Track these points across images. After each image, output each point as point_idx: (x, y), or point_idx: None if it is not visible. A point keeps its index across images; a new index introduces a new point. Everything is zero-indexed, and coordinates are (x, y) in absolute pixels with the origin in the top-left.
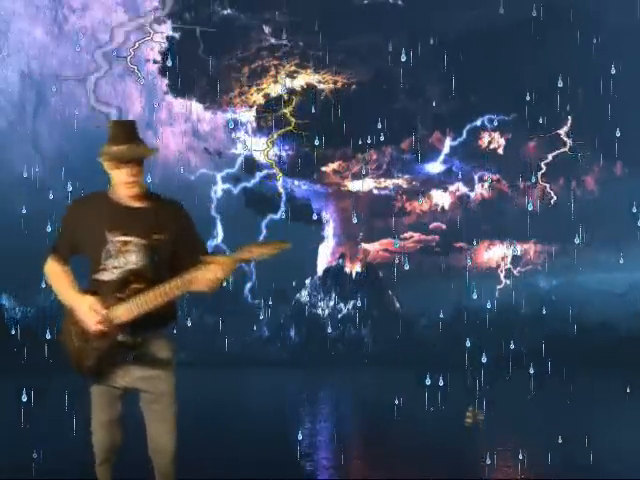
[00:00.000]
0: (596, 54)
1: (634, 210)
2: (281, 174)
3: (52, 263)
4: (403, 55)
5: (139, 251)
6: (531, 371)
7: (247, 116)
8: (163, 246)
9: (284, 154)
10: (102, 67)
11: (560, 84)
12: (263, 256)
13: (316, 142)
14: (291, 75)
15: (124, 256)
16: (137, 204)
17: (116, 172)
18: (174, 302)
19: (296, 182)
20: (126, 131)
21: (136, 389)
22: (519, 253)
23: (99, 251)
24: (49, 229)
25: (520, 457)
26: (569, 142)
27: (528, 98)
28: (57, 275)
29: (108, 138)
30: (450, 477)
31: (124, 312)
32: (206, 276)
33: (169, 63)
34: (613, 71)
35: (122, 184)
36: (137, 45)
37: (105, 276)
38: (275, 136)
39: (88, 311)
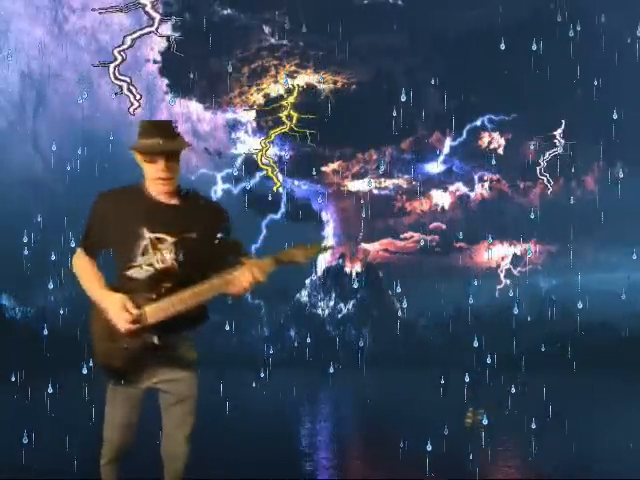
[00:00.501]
0: (596, 54)
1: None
2: (279, 184)
3: (80, 258)
4: (403, 55)
5: (172, 249)
6: (530, 371)
7: (247, 116)
8: (195, 245)
9: (284, 154)
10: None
11: (560, 84)
12: (303, 259)
13: (316, 142)
14: (291, 75)
15: (157, 254)
16: (171, 201)
17: (147, 166)
18: (205, 303)
19: (296, 182)
20: (158, 126)
21: (157, 389)
22: (523, 253)
23: (131, 247)
24: (48, 229)
25: (520, 457)
26: (568, 142)
27: (528, 98)
28: (85, 270)
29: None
30: (450, 477)
31: (156, 312)
32: (246, 277)
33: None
34: (614, 68)
35: (153, 179)
36: (132, 42)
37: (136, 273)
38: (272, 136)
39: (119, 310)
